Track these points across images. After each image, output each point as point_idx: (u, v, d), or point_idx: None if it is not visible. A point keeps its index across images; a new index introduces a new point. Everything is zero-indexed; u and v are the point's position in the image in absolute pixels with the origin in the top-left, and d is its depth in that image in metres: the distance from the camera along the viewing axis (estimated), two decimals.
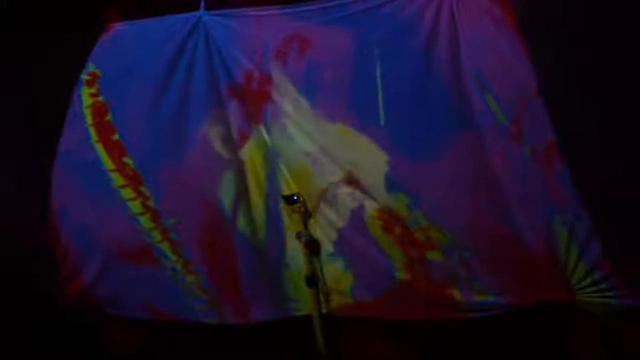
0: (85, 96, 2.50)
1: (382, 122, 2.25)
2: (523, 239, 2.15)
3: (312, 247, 2.38)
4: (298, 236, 2.37)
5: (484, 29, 2.19)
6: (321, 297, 2.38)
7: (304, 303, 2.41)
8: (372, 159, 2.27)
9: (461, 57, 2.21)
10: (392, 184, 2.25)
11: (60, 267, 2.51)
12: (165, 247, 2.42)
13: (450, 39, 2.22)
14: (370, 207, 2.28)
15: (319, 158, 2.33)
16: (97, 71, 2.52)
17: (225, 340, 2.52)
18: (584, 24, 2.05)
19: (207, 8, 2.46)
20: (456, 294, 2.23)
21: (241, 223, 2.40)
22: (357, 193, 2.29)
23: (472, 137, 2.19)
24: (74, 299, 2.52)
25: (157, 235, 2.41)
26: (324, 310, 2.39)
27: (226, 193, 2.39)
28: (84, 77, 2.52)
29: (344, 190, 2.31)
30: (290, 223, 2.39)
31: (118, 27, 2.57)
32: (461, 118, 2.20)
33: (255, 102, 2.40)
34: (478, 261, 2.19)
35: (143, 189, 2.41)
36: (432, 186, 2.21)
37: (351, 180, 2.30)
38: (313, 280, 2.37)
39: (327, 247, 2.37)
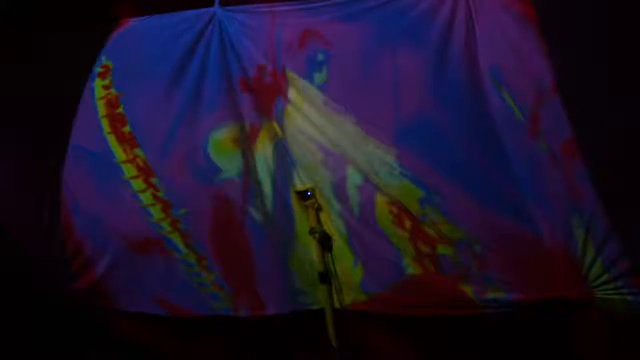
0: (98, 88, 2.51)
1: (393, 117, 2.25)
2: (539, 236, 2.14)
3: (326, 243, 2.38)
4: (312, 232, 2.37)
5: (502, 25, 2.18)
6: (334, 292, 2.38)
7: (315, 296, 2.41)
8: (382, 154, 2.26)
9: (478, 53, 2.20)
10: (403, 178, 2.24)
11: (72, 260, 2.51)
12: (176, 238, 2.41)
13: (467, 34, 2.22)
14: (381, 201, 2.28)
15: (330, 151, 2.33)
16: (110, 64, 2.53)
17: (235, 335, 2.52)
18: (603, 20, 2.04)
19: (222, 4, 2.48)
20: (468, 291, 2.22)
21: (253, 214, 2.40)
22: (367, 187, 2.29)
23: (487, 132, 2.18)
24: (86, 293, 2.52)
25: (167, 226, 2.41)
26: (337, 306, 2.39)
27: (237, 185, 2.40)
28: (97, 69, 2.53)
29: (354, 184, 2.31)
30: (301, 215, 2.39)
31: (132, 22, 2.59)
32: (476, 113, 2.19)
33: (268, 96, 2.41)
34: (491, 257, 2.18)
35: (154, 180, 2.41)
36: (445, 181, 2.20)
37: (361, 174, 2.30)
38: (326, 276, 2.37)
39: (337, 241, 2.37)
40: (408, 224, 2.26)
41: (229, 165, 2.39)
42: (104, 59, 2.55)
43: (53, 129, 2.50)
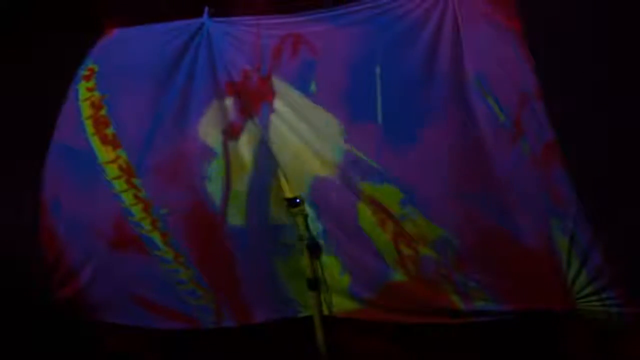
0: (82, 90, 2.52)
1: (379, 120, 2.28)
2: (523, 242, 2.14)
3: (315, 250, 2.39)
4: (300, 239, 2.38)
5: (486, 33, 2.24)
6: (322, 299, 2.38)
7: (303, 303, 2.41)
8: (366, 159, 2.28)
9: (463, 61, 2.25)
10: (385, 181, 2.26)
11: (54, 268, 2.49)
12: (155, 237, 2.40)
13: (453, 43, 2.26)
14: (362, 206, 2.29)
15: (313, 157, 2.34)
16: (95, 67, 2.56)
17: (221, 344, 2.51)
18: (585, 27, 2.12)
19: (211, 16, 2.53)
20: (454, 299, 2.22)
21: (232, 217, 2.40)
22: (349, 192, 2.31)
23: (472, 136, 2.20)
24: (69, 302, 2.49)
25: (147, 225, 2.40)
26: (325, 312, 2.39)
27: (215, 186, 2.40)
28: (82, 72, 2.55)
29: (337, 190, 2.33)
30: (278, 218, 2.41)
31: (120, 31, 2.63)
32: (461, 118, 2.22)
33: (253, 100, 2.43)
34: (473, 258, 2.19)
35: (135, 180, 2.41)
36: (426, 182, 2.23)
37: (344, 179, 2.31)
38: (315, 283, 2.38)
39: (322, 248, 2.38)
40: (390, 225, 2.27)
41: (211, 166, 2.40)
42: (89, 62, 2.57)
43: (35, 129, 2.49)
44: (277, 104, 2.40)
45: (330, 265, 2.37)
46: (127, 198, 2.42)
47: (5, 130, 2.55)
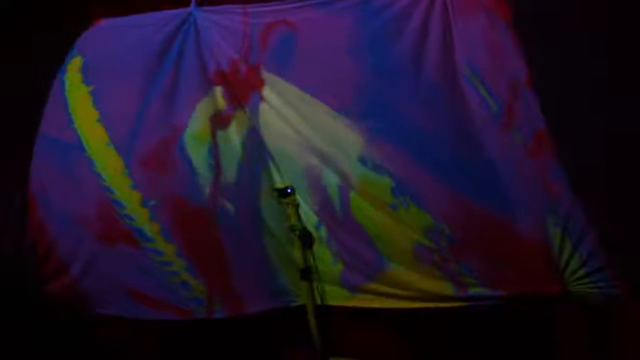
0: (68, 82, 2.50)
1: (367, 108, 2.27)
2: (516, 228, 2.15)
3: (307, 240, 2.38)
4: (292, 229, 2.37)
5: (477, 22, 2.22)
6: (315, 288, 2.40)
7: (296, 292, 2.42)
8: (356, 147, 2.28)
9: (454, 50, 2.23)
10: (375, 169, 2.26)
11: (44, 260, 2.49)
12: (145, 228, 2.41)
13: (443, 32, 2.24)
14: (354, 194, 2.30)
15: (304, 146, 2.34)
16: (81, 58, 2.53)
17: (215, 334, 2.51)
18: (576, 15, 2.09)
19: (198, 4, 2.50)
20: (449, 287, 2.23)
21: (221, 207, 2.40)
22: (341, 181, 2.31)
23: (464, 125, 2.20)
24: (60, 295, 2.50)
25: (137, 217, 2.41)
26: (318, 301, 2.40)
27: (204, 176, 2.40)
28: (68, 64, 2.53)
29: (328, 178, 2.33)
30: (269, 208, 2.41)
31: (105, 21, 2.59)
32: (452, 106, 2.21)
33: (242, 89, 2.42)
34: (466, 245, 2.20)
35: (124, 171, 2.41)
36: (417, 170, 2.23)
37: (334, 168, 2.31)
38: (307, 272, 2.37)
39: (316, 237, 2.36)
40: (382, 214, 2.28)
41: (201, 156, 2.40)
42: (75, 54, 2.54)
43: (20, 123, 2.48)
44: (267, 92, 2.39)
45: (323, 255, 2.37)
46: (117, 189, 2.41)
47: None
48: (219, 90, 2.43)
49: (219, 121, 2.42)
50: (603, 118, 2.03)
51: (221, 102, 2.43)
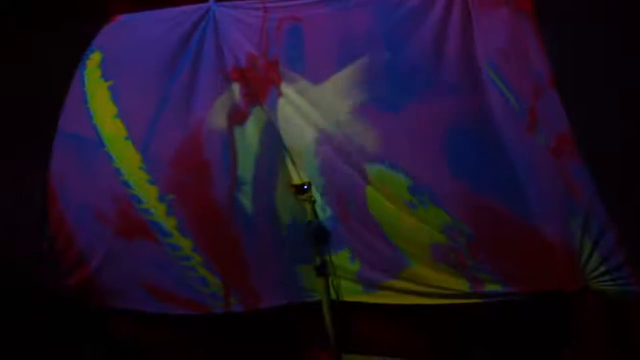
0: (87, 77, 2.51)
1: (385, 105, 2.25)
2: (534, 225, 2.12)
3: (322, 236, 2.39)
4: (308, 225, 2.38)
5: (499, 18, 2.18)
6: (330, 284, 2.39)
7: (312, 288, 2.42)
8: (374, 145, 2.26)
9: (474, 47, 2.20)
10: (392, 168, 2.24)
11: (63, 254, 2.51)
12: (164, 223, 2.41)
13: (463, 28, 2.21)
14: (371, 191, 2.28)
15: (322, 142, 2.33)
16: (101, 54, 2.54)
17: (230, 327, 2.52)
18: (601, 14, 2.05)
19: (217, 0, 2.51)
20: (464, 284, 2.22)
21: (239, 202, 2.40)
22: (358, 178, 2.29)
23: (485, 124, 2.17)
24: (78, 288, 2.52)
25: (155, 212, 2.40)
26: (334, 297, 2.39)
27: (222, 173, 2.40)
28: (87, 59, 2.54)
29: (345, 176, 2.31)
30: (285, 204, 2.41)
31: (124, 16, 2.60)
32: (473, 105, 2.18)
33: (260, 85, 2.42)
34: (484, 243, 2.17)
35: (142, 166, 2.41)
36: (434, 168, 2.20)
37: (352, 165, 2.29)
38: (323, 268, 2.37)
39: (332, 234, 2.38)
40: (399, 212, 2.26)
41: (218, 151, 2.40)
42: (94, 49, 2.55)
43: (39, 116, 2.50)
44: (285, 88, 2.38)
45: (340, 253, 2.37)
46: (135, 184, 2.42)
47: (6, 123, 2.54)
48: (236, 87, 2.43)
49: (236, 117, 2.42)
50: (628, 119, 1.99)
51: (238, 99, 2.43)
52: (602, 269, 2.07)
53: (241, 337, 2.53)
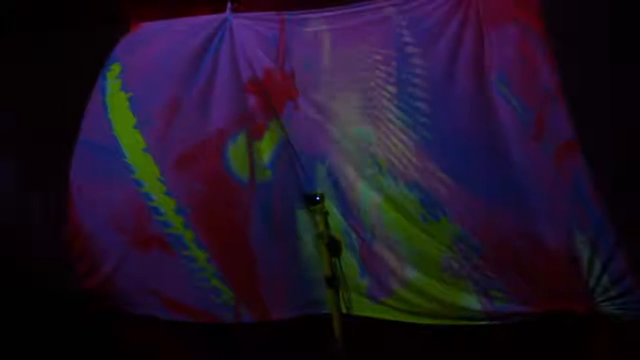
0: (108, 87, 2.54)
1: (398, 119, 2.28)
2: (544, 243, 2.14)
3: (334, 248, 2.40)
4: (320, 237, 2.39)
5: (509, 32, 2.22)
6: (340, 297, 2.40)
7: (324, 300, 2.42)
8: (386, 159, 2.29)
9: (484, 60, 2.23)
10: (405, 183, 2.27)
11: (79, 259, 2.54)
12: (180, 236, 2.44)
13: (475, 43, 2.25)
14: (386, 206, 2.31)
15: (332, 152, 2.36)
16: (120, 65, 2.56)
17: (242, 337, 2.55)
18: (609, 28, 2.08)
19: (234, 11, 2.52)
20: (475, 301, 2.23)
21: (255, 216, 2.42)
22: (372, 193, 2.32)
23: (493, 135, 2.20)
24: (92, 293, 2.55)
25: (173, 224, 2.43)
26: (344, 311, 2.42)
27: (239, 185, 2.42)
28: (108, 70, 2.56)
29: (360, 190, 2.33)
30: (304, 218, 2.43)
31: (144, 25, 2.62)
32: (482, 116, 2.21)
33: (277, 98, 2.44)
34: (494, 258, 2.19)
35: (160, 178, 2.44)
36: (445, 180, 2.22)
37: (366, 180, 2.32)
38: (333, 280, 2.38)
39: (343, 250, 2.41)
40: (411, 225, 2.28)
41: (234, 165, 2.42)
42: (115, 59, 2.58)
43: (60, 127, 2.52)
44: (302, 102, 2.40)
45: (350, 266, 2.40)
46: (155, 195, 2.44)
47: (28, 129, 2.57)
48: (253, 99, 2.45)
49: (253, 131, 2.44)
50: (635, 133, 2.01)
51: (256, 112, 2.44)
52: (612, 292, 2.08)
53: (249, 345, 2.55)
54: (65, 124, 2.51)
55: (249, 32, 2.48)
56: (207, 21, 2.53)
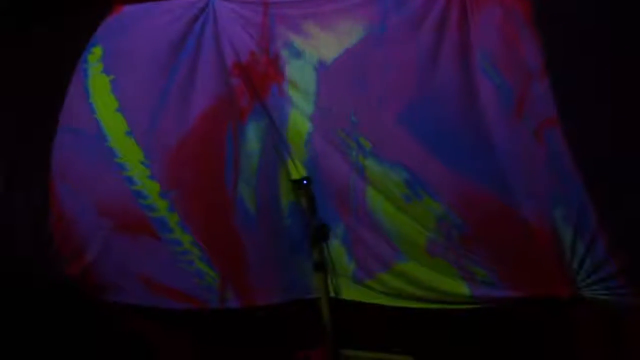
0: (89, 71, 2.51)
1: (381, 103, 2.27)
2: (527, 221, 2.14)
3: (322, 232, 2.41)
4: (307, 221, 2.40)
5: (494, 14, 2.20)
6: (329, 281, 2.41)
7: (311, 285, 2.44)
8: (368, 135, 2.29)
9: (470, 43, 2.22)
10: (388, 162, 2.27)
11: (62, 244, 2.53)
12: (165, 218, 2.44)
13: (460, 26, 2.23)
14: (370, 188, 2.31)
15: (316, 135, 2.35)
16: (102, 48, 2.53)
17: (230, 323, 2.56)
18: (596, 12, 2.07)
19: None
20: (461, 284, 2.24)
21: (242, 199, 2.42)
22: (356, 175, 2.31)
23: (476, 114, 2.19)
24: (76, 278, 2.54)
25: (157, 208, 2.43)
26: (332, 295, 2.42)
27: (224, 169, 2.42)
28: (88, 53, 2.53)
29: (343, 173, 2.33)
30: (287, 197, 2.43)
31: (126, 8, 2.58)
32: (467, 98, 2.20)
33: (261, 82, 2.41)
34: (476, 236, 2.19)
35: (144, 162, 2.43)
36: (430, 159, 2.22)
37: (350, 162, 2.32)
38: (321, 265, 2.39)
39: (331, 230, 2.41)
40: (395, 207, 2.29)
41: (219, 148, 2.41)
42: (96, 43, 2.54)
43: (40, 111, 2.50)
44: (286, 86, 2.38)
45: (338, 250, 2.40)
46: (138, 180, 2.43)
47: (8, 114, 2.56)
48: (237, 82, 2.43)
49: (237, 114, 2.42)
50: (618, 113, 2.00)
51: (239, 95, 2.42)
52: (595, 277, 2.08)
53: (243, 335, 2.57)
54: (46, 112, 2.48)
55: (232, 14, 2.44)
56: (189, 3, 2.48)
